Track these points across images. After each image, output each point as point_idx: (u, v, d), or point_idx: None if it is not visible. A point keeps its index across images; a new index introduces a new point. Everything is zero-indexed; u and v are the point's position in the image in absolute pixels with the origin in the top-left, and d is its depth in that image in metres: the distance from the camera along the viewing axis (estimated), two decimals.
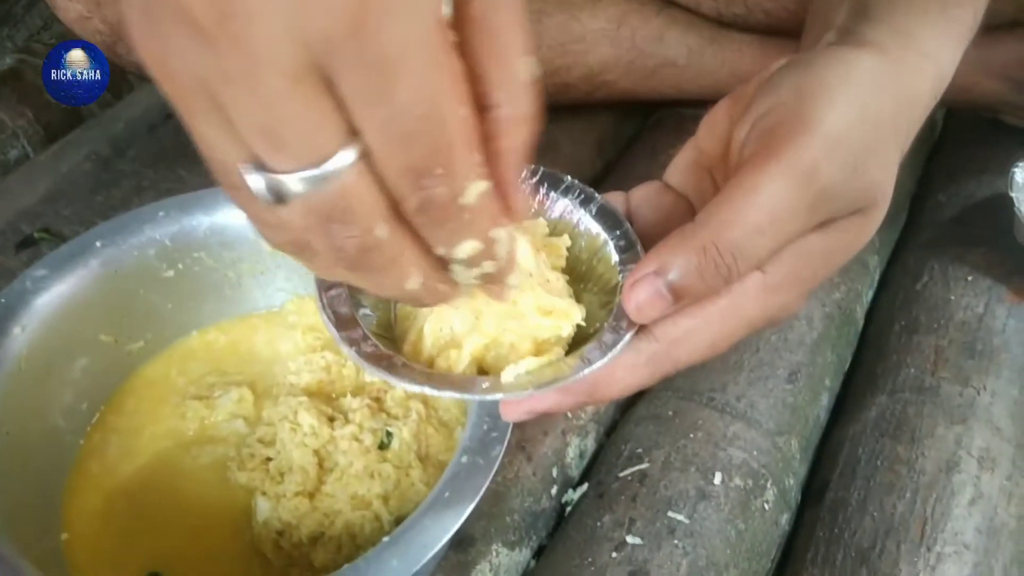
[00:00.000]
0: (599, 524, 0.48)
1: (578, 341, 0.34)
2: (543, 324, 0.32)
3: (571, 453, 0.54)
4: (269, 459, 0.45)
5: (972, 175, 0.72)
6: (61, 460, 0.46)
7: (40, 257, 0.47)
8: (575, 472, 0.54)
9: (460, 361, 0.32)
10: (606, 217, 0.36)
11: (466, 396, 0.31)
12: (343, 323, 0.32)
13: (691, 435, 0.52)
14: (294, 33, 0.18)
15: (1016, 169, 0.64)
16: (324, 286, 0.32)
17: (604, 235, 0.36)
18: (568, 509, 0.52)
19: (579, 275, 0.36)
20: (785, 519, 0.52)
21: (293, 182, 0.20)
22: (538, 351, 0.32)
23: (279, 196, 0.21)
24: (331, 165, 0.20)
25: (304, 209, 0.21)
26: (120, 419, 0.48)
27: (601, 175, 0.77)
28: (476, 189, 0.22)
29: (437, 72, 0.19)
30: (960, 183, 0.72)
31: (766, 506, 0.50)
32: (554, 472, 0.52)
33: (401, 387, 0.30)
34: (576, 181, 0.37)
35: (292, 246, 0.24)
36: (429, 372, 0.31)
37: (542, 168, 0.37)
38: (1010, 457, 0.52)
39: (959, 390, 0.55)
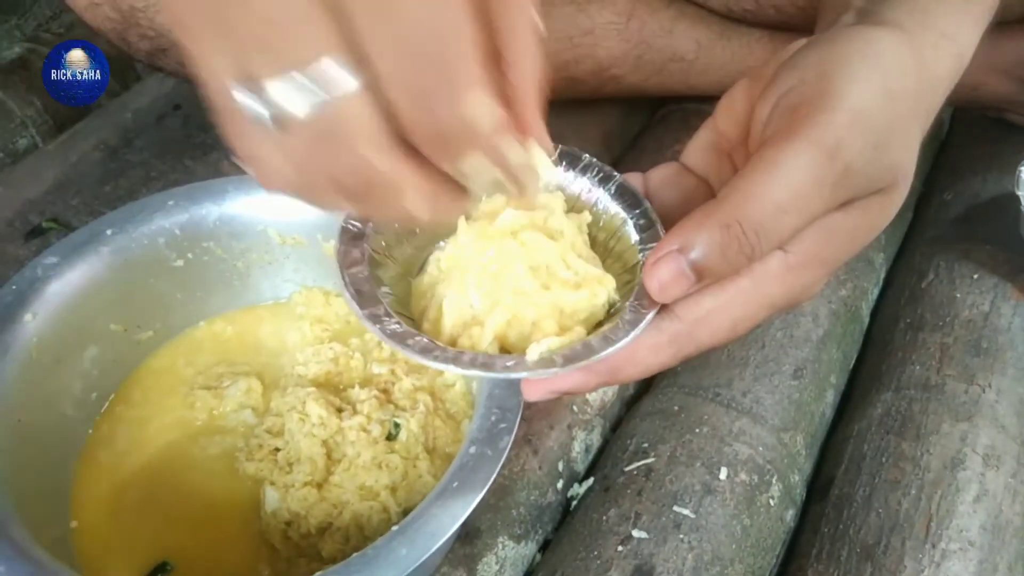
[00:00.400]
0: (605, 518, 0.48)
1: (598, 321, 0.33)
2: (574, 297, 0.32)
3: (577, 447, 0.54)
4: (277, 449, 0.45)
5: (978, 174, 0.72)
6: (71, 449, 0.46)
7: (48, 247, 0.47)
8: (581, 466, 0.54)
9: (483, 339, 0.32)
10: (625, 196, 0.36)
11: (490, 375, 0.30)
12: (365, 301, 0.31)
13: (697, 430, 0.52)
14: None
15: (1022, 168, 0.64)
16: (346, 264, 0.32)
17: (623, 214, 0.35)
18: (574, 503, 0.52)
19: (599, 254, 0.36)
20: (790, 515, 0.52)
21: (297, 102, 0.20)
22: (562, 328, 0.32)
23: (280, 119, 0.21)
24: (336, 89, 0.20)
25: (307, 133, 0.21)
26: (129, 409, 0.48)
27: None
28: (485, 108, 0.21)
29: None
30: (966, 181, 0.72)
31: (771, 502, 0.51)
32: (560, 466, 0.52)
33: (425, 364, 0.30)
34: (595, 160, 0.37)
35: (287, 181, 0.23)
36: (453, 351, 0.31)
37: (560, 146, 0.37)
38: (1015, 455, 0.52)
39: (964, 388, 0.55)
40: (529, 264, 0.32)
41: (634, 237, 0.35)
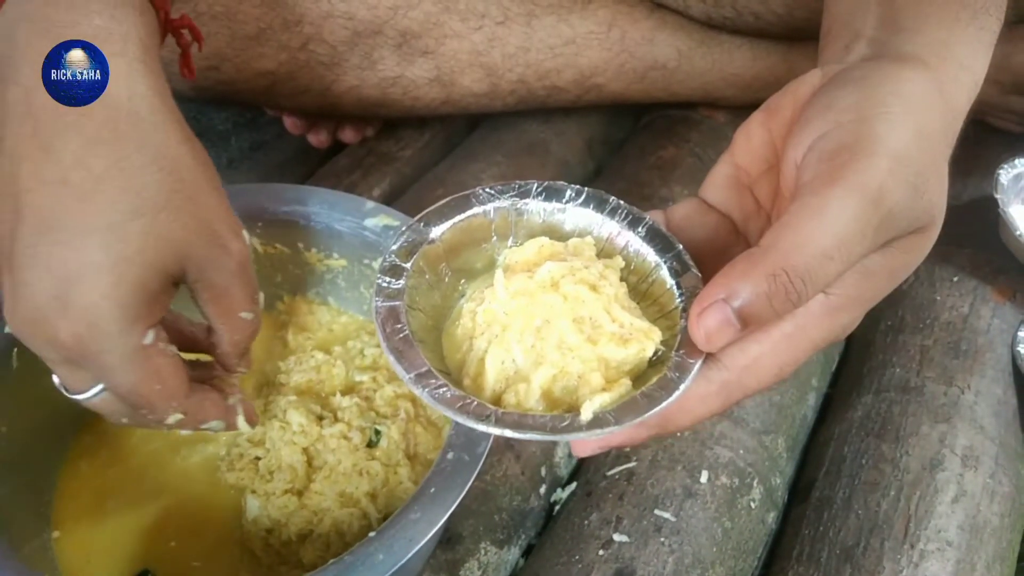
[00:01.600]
0: (587, 522, 0.49)
1: (643, 367, 0.33)
2: (623, 353, 0.32)
3: (560, 452, 0.54)
4: (258, 459, 0.45)
5: (958, 177, 0.72)
6: (53, 458, 0.46)
7: None
8: (564, 471, 0.54)
9: (530, 396, 0.31)
10: (656, 239, 0.35)
11: (548, 437, 0.30)
12: (409, 364, 0.31)
13: (678, 434, 0.53)
14: (57, 352, 0.35)
15: (1001, 171, 0.65)
16: (385, 324, 0.32)
17: (655, 258, 0.35)
18: (556, 508, 0.52)
19: (630, 298, 0.35)
20: (771, 517, 0.52)
21: (85, 397, 0.37)
22: (608, 380, 0.32)
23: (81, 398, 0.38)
24: (91, 393, 0.37)
25: (95, 404, 0.38)
26: None
27: (592, 176, 0.77)
28: (174, 418, 0.39)
29: (134, 371, 0.35)
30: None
31: (752, 504, 0.51)
32: (543, 471, 0.52)
33: (481, 430, 0.30)
34: (622, 202, 0.37)
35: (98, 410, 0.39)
36: (507, 413, 0.30)
37: (587, 189, 0.37)
38: (993, 455, 0.53)
39: (944, 389, 0.56)
40: (572, 318, 0.32)
41: (669, 281, 0.34)
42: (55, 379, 0.37)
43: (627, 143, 0.80)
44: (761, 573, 0.51)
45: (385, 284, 0.33)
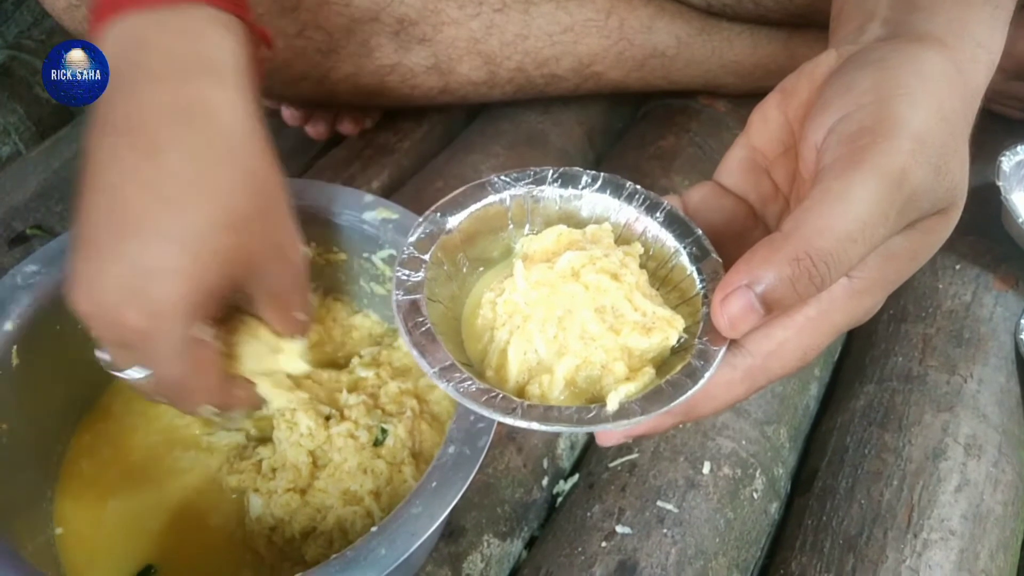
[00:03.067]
0: (589, 514, 0.49)
1: (665, 355, 0.33)
2: (646, 342, 0.32)
3: (562, 444, 0.54)
4: (261, 460, 0.45)
5: None
6: (54, 456, 0.46)
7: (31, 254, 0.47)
8: (566, 463, 0.54)
9: (554, 386, 0.31)
10: (675, 224, 0.35)
11: (575, 429, 0.29)
12: (432, 357, 0.30)
13: (680, 425, 0.52)
14: (116, 335, 0.37)
15: (1003, 158, 0.64)
16: (407, 318, 0.31)
17: (675, 243, 0.35)
18: (559, 500, 0.52)
19: (650, 284, 0.35)
20: (774, 508, 0.52)
21: (128, 376, 0.39)
22: (631, 367, 0.31)
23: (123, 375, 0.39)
24: (137, 376, 0.39)
25: (137, 383, 0.39)
26: (112, 417, 0.48)
27: (592, 166, 0.77)
28: (208, 411, 0.41)
29: (180, 364, 0.38)
30: None
31: (755, 495, 0.51)
32: (545, 463, 0.52)
33: (507, 423, 0.29)
34: (639, 187, 0.36)
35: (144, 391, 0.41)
36: (532, 406, 0.30)
37: (603, 174, 0.36)
38: (996, 444, 0.52)
39: (946, 378, 0.56)
40: (594, 307, 0.32)
41: (689, 267, 0.34)
42: (99, 354, 0.39)
43: (627, 133, 0.80)
44: (764, 563, 0.51)
45: (404, 277, 0.33)
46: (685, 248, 0.34)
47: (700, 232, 0.35)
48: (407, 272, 0.33)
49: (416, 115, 0.77)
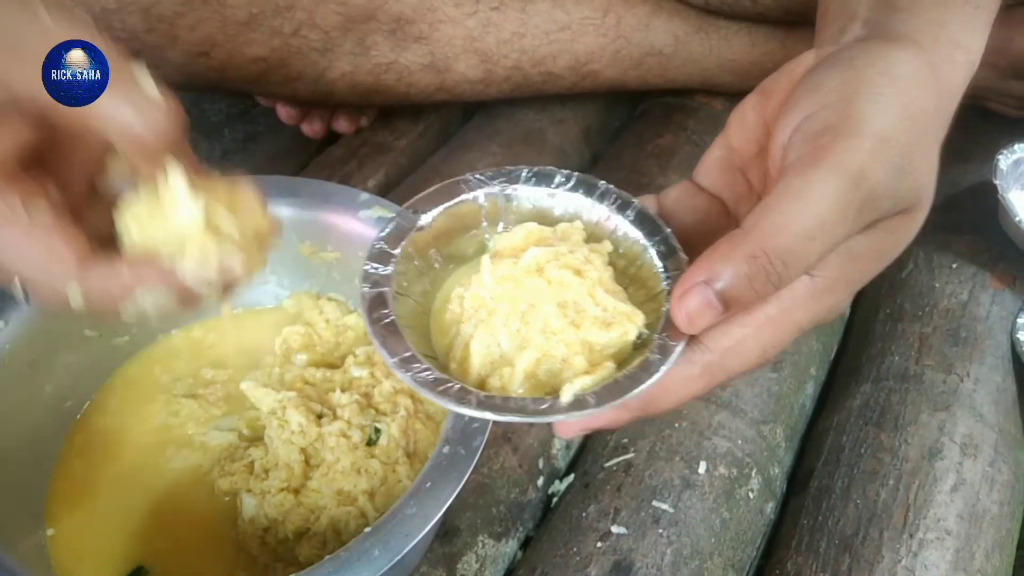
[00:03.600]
0: (584, 514, 0.48)
1: (627, 350, 0.33)
2: (605, 337, 0.32)
3: (557, 444, 0.54)
4: (253, 461, 0.45)
5: (957, 163, 0.72)
6: (46, 457, 0.46)
7: None
8: (562, 463, 0.54)
9: (514, 379, 0.32)
10: (645, 222, 0.35)
11: (527, 419, 0.30)
12: (393, 347, 0.31)
13: (676, 424, 0.52)
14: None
15: (1000, 156, 0.64)
16: (371, 310, 0.32)
17: (644, 241, 0.35)
18: (554, 500, 0.52)
19: (619, 282, 0.35)
20: (770, 507, 0.52)
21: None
22: (591, 364, 0.32)
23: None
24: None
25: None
26: (105, 417, 0.48)
27: (589, 165, 0.77)
28: (75, 295, 0.32)
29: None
30: (945, 171, 0.70)
31: (751, 495, 0.51)
32: (540, 463, 0.52)
33: (461, 412, 0.30)
34: (611, 186, 0.37)
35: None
36: (487, 396, 0.30)
37: (576, 173, 0.37)
38: (992, 443, 0.52)
39: (943, 377, 0.55)
40: (557, 302, 0.32)
41: (657, 264, 0.34)
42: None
43: (624, 131, 0.79)
44: (760, 564, 0.51)
45: (372, 270, 0.34)
46: (653, 246, 0.35)
47: (668, 231, 0.35)
48: (376, 266, 0.34)
49: (413, 113, 0.77)
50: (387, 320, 0.32)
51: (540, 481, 0.52)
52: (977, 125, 0.74)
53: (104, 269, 0.32)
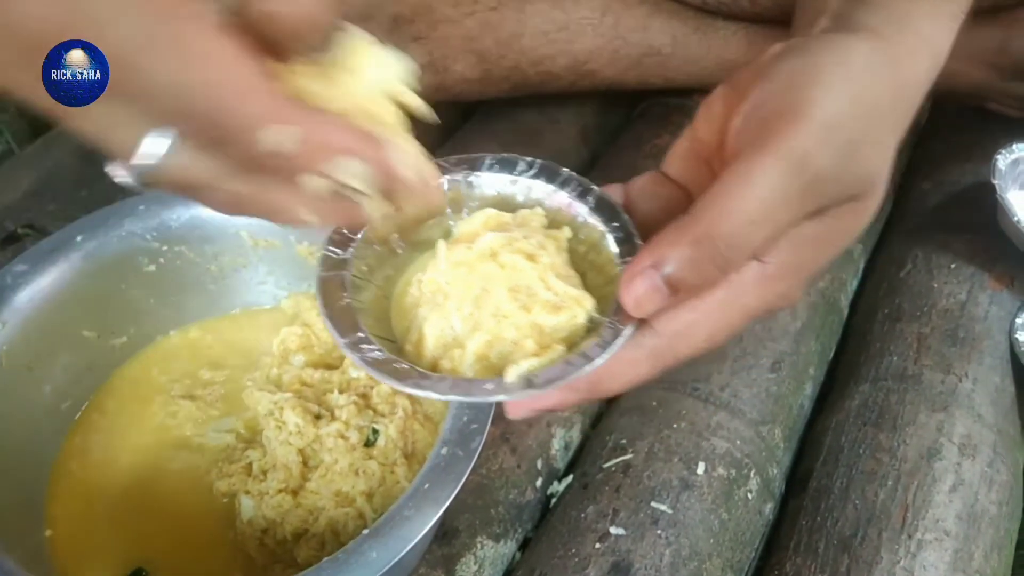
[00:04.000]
0: (583, 515, 0.48)
1: (579, 333, 0.34)
2: (554, 320, 0.33)
3: (556, 445, 0.54)
4: (251, 463, 0.45)
5: (956, 163, 0.72)
6: (44, 458, 0.46)
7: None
8: (560, 464, 0.54)
9: (464, 361, 0.32)
10: (604, 209, 0.36)
11: (471, 399, 0.31)
12: (345, 329, 0.31)
13: (675, 425, 0.52)
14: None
15: (999, 157, 0.64)
16: (326, 292, 0.32)
17: (602, 227, 0.36)
18: (553, 501, 0.52)
19: (579, 268, 0.36)
20: (769, 508, 0.52)
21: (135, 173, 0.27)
22: (541, 347, 0.32)
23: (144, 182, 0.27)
24: (151, 148, 0.26)
25: (169, 187, 0.28)
26: (103, 418, 0.48)
27: (587, 165, 0.77)
28: (282, 135, 0.26)
29: (184, 67, 0.25)
30: (944, 171, 0.72)
31: (749, 496, 0.51)
32: (539, 464, 0.52)
33: (404, 391, 0.30)
34: (573, 174, 0.37)
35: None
36: (433, 376, 0.31)
37: (539, 160, 0.37)
38: (991, 444, 0.52)
39: (941, 377, 0.55)
40: (509, 286, 0.33)
41: (614, 250, 0.35)
42: (108, 169, 0.28)
43: (622, 131, 0.79)
44: (759, 564, 0.51)
45: (332, 254, 0.34)
46: (611, 232, 0.35)
47: (627, 218, 0.36)
48: (335, 251, 0.34)
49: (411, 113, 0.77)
50: (343, 302, 0.32)
51: (539, 482, 0.52)
52: (976, 126, 0.74)
53: (312, 114, 0.27)
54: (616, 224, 0.36)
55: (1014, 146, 0.66)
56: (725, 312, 0.32)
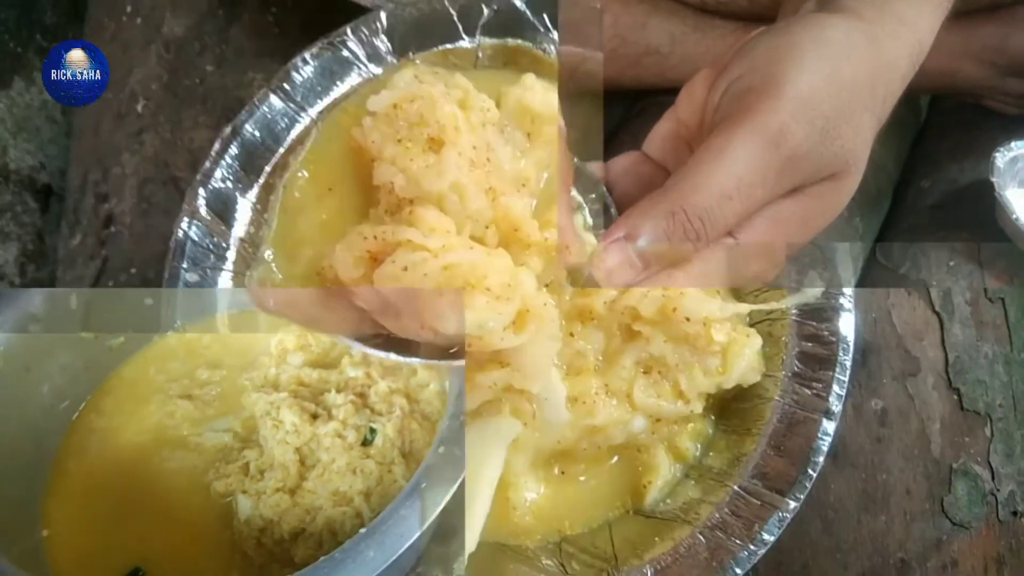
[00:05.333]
0: None
1: None
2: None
3: None
4: (248, 463, 0.45)
5: (955, 161, 0.72)
6: (41, 458, 0.46)
7: None
8: None
9: None
10: (581, 181, 0.37)
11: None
12: None
13: None
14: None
15: (997, 154, 0.64)
16: None
17: (578, 198, 0.36)
18: None
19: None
20: None
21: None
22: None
23: None
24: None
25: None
26: (100, 418, 0.48)
27: None
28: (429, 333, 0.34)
29: None
30: (943, 169, 0.72)
31: None
32: None
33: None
34: None
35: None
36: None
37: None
38: None
39: None
40: None
41: (589, 221, 0.36)
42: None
43: (620, 130, 0.79)
44: None
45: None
46: (588, 204, 0.37)
47: (603, 189, 0.36)
48: None
49: None
50: None
51: None
52: (975, 123, 0.74)
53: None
54: (592, 196, 0.36)
55: (1012, 143, 0.65)
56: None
